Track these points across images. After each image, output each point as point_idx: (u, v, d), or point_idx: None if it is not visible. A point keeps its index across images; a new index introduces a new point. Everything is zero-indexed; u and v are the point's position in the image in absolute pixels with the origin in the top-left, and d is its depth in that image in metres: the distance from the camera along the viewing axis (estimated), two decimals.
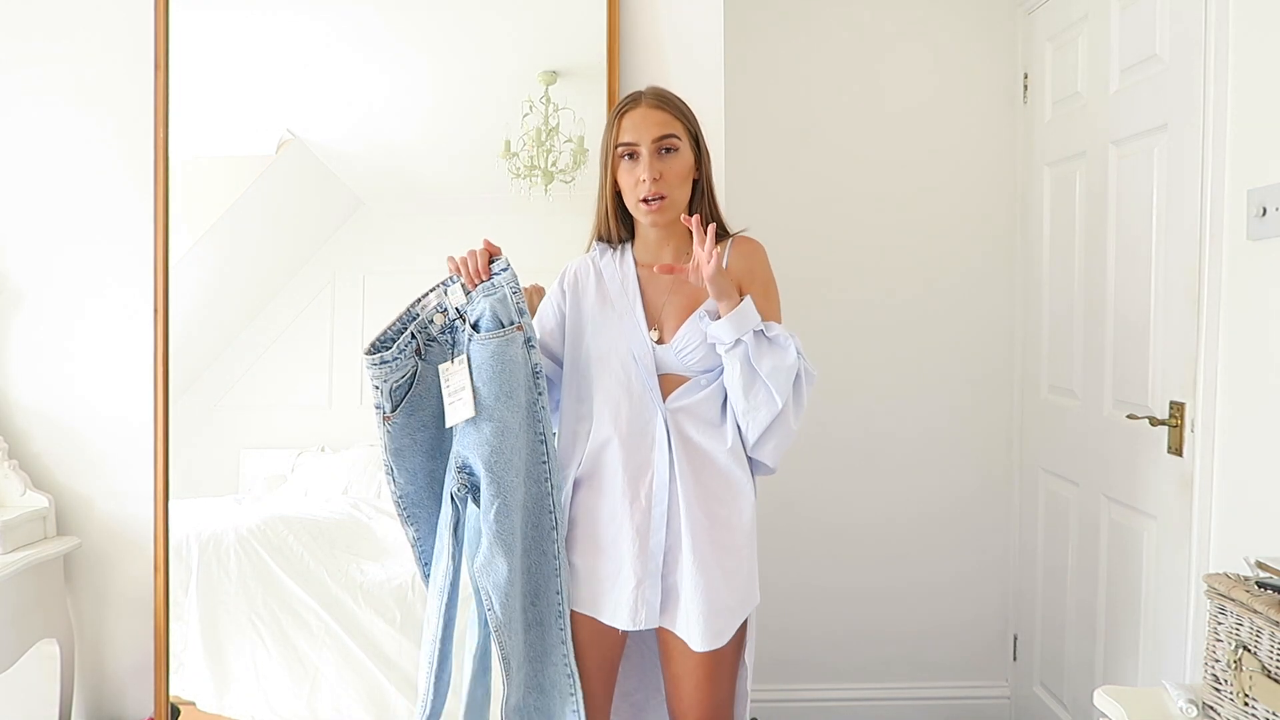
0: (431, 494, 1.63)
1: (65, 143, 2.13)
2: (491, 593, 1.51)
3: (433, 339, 1.58)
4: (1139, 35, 2.07)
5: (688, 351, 1.58)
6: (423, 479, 1.62)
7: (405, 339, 1.56)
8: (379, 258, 2.18)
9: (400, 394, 1.57)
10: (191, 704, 2.09)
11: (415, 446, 1.60)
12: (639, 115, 1.59)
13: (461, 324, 1.56)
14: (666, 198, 1.58)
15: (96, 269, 2.13)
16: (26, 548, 1.98)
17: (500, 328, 1.52)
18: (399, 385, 1.56)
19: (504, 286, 1.53)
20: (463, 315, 1.55)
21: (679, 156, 1.59)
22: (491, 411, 1.51)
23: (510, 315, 1.53)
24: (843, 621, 2.78)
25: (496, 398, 1.51)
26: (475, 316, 1.54)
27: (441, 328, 1.57)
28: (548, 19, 2.14)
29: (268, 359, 2.22)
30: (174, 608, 2.10)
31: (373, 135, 2.22)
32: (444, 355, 1.58)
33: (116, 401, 2.13)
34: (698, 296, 1.61)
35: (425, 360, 1.58)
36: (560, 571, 1.58)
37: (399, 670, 2.06)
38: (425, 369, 1.58)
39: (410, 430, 1.59)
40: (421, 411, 1.59)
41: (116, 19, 2.11)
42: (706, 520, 1.55)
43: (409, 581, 2.09)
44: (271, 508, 2.18)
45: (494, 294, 1.53)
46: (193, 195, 2.13)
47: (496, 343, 1.51)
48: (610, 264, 1.68)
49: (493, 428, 1.51)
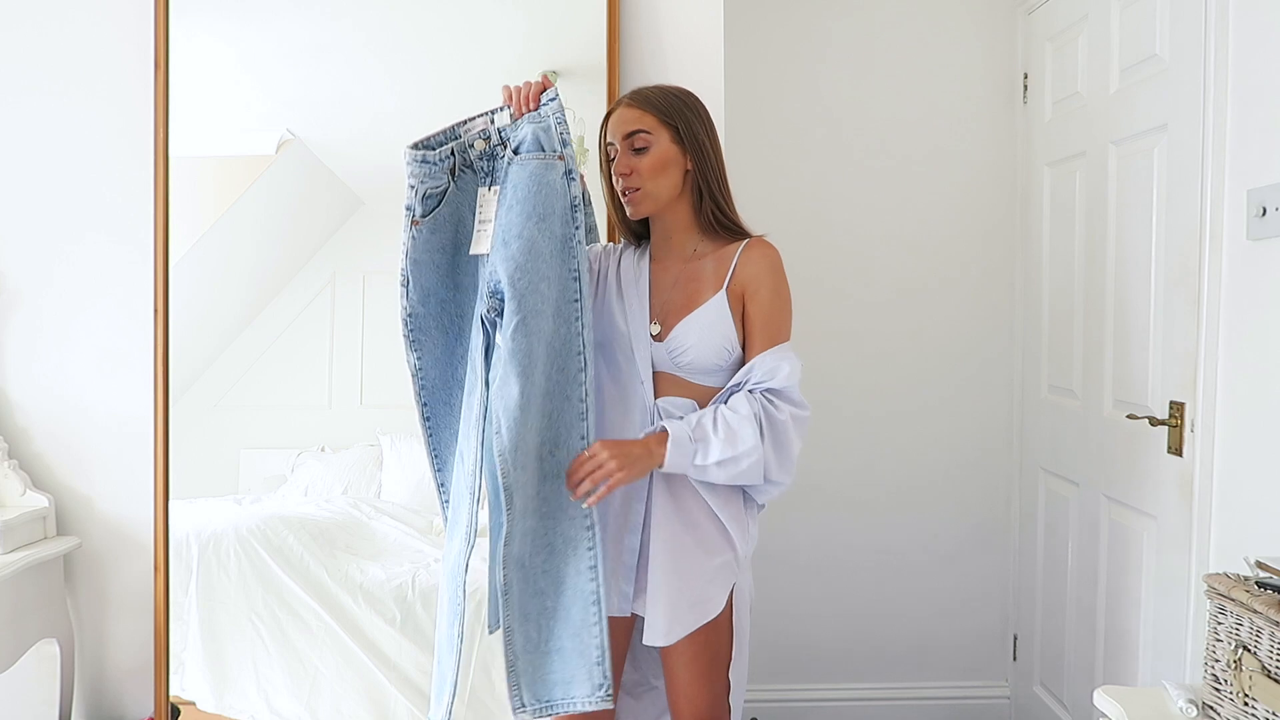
0: (439, 325, 1.62)
1: (65, 142, 2.13)
2: (501, 416, 1.46)
3: (469, 164, 1.58)
4: (1139, 35, 2.07)
5: (680, 351, 1.58)
6: (434, 304, 1.61)
7: (445, 151, 1.57)
8: (379, 258, 2.18)
9: (430, 204, 1.57)
10: (191, 704, 2.09)
11: (432, 265, 1.60)
12: (616, 117, 1.63)
13: (502, 150, 1.55)
14: (640, 190, 1.60)
15: (96, 269, 2.13)
16: (26, 547, 1.98)
17: (540, 151, 1.51)
18: (431, 194, 1.57)
19: (549, 117, 1.53)
20: (505, 141, 1.55)
21: (650, 151, 1.60)
22: (520, 230, 1.48)
23: (553, 144, 1.51)
24: (843, 621, 2.78)
25: (528, 217, 1.48)
26: (517, 141, 1.53)
27: (481, 154, 1.57)
28: (548, 19, 2.14)
29: (268, 359, 2.22)
30: (174, 608, 2.10)
31: (373, 135, 2.22)
32: (477, 183, 1.58)
33: (116, 401, 2.13)
34: (696, 296, 1.61)
35: (456, 184, 1.58)
36: (587, 418, 1.52)
37: (399, 670, 2.06)
38: (454, 193, 1.58)
39: (430, 248, 1.59)
40: (441, 233, 1.59)
41: (117, 19, 2.11)
42: (681, 525, 1.56)
43: (409, 581, 2.09)
44: (271, 508, 2.18)
45: (539, 122, 1.52)
46: (193, 195, 2.13)
47: (535, 164, 1.50)
48: (630, 256, 1.70)
49: (520, 245, 1.47)
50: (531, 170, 1.50)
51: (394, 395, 2.13)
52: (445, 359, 1.65)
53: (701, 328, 1.57)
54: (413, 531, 2.19)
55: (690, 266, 1.64)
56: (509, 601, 1.51)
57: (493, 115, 1.58)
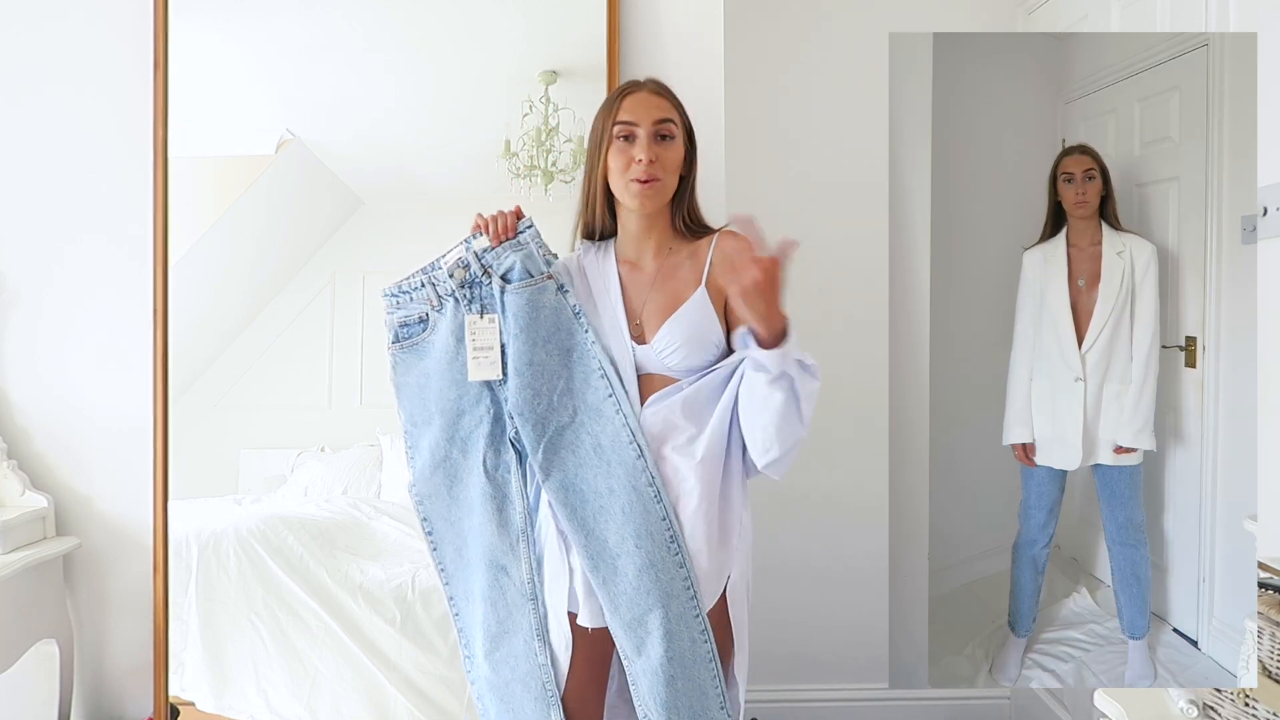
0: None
1: (65, 142, 2.13)
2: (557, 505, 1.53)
3: (450, 292, 1.60)
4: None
5: (669, 353, 1.55)
6: (421, 420, 1.64)
7: (419, 281, 1.62)
8: (379, 258, 2.18)
9: (408, 331, 1.63)
10: (191, 704, 2.09)
11: (417, 390, 1.63)
12: (641, 98, 1.59)
13: (487, 278, 1.58)
14: (660, 181, 1.57)
15: (96, 269, 2.13)
16: (26, 548, 1.98)
17: (529, 277, 1.56)
18: (406, 323, 1.63)
19: (530, 243, 1.58)
20: (487, 269, 1.58)
21: (674, 146, 1.59)
22: (531, 357, 1.55)
23: (539, 266, 1.58)
24: (843, 621, 2.77)
25: (534, 343, 1.55)
26: (504, 269, 1.57)
27: (462, 282, 1.60)
28: (548, 19, 2.14)
29: (267, 359, 2.22)
30: (174, 608, 2.10)
31: (372, 135, 2.22)
32: (462, 311, 1.61)
33: (116, 401, 2.13)
34: (679, 295, 1.58)
35: (439, 312, 1.61)
36: (661, 500, 1.51)
37: (399, 670, 2.06)
38: (439, 319, 1.61)
39: (411, 369, 1.64)
40: (425, 360, 1.63)
41: (116, 18, 2.11)
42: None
43: (409, 581, 2.09)
44: (271, 508, 2.18)
45: (522, 249, 1.58)
46: (193, 195, 2.13)
47: (529, 291, 1.56)
48: (593, 262, 1.66)
49: (533, 372, 1.55)
50: (527, 298, 1.56)
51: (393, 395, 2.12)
52: (451, 513, 1.65)
53: (687, 326, 1.55)
54: (413, 531, 2.18)
55: (666, 265, 1.62)
56: None
57: (467, 243, 1.62)
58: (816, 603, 2.77)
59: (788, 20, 2.71)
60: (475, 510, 1.60)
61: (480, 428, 1.60)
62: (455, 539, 1.64)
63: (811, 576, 2.77)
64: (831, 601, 2.78)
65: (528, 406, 1.55)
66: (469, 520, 1.61)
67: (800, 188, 2.72)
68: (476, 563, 1.60)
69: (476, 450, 1.60)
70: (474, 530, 1.61)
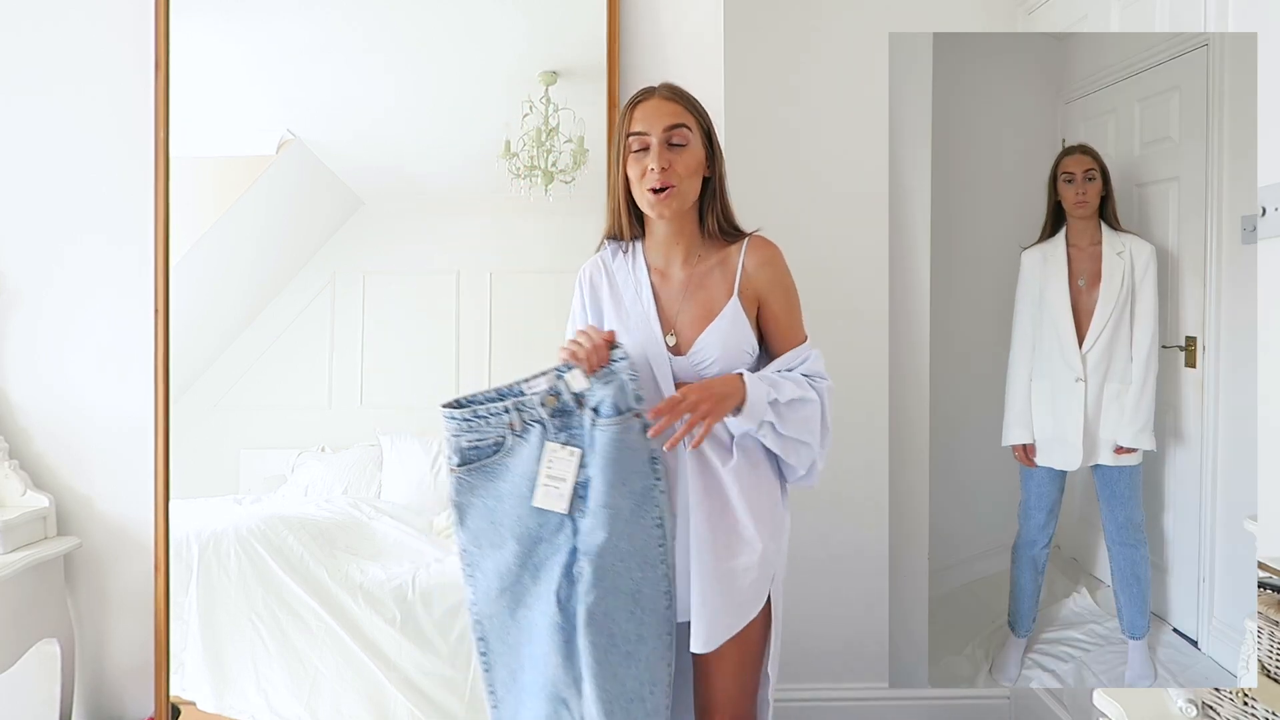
0: (504, 560, 1.58)
1: (65, 142, 2.13)
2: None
3: (538, 419, 1.55)
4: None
5: (706, 364, 1.56)
6: (487, 543, 1.58)
7: (497, 408, 1.55)
8: (379, 258, 2.18)
9: (475, 454, 1.57)
10: (191, 704, 2.09)
11: (485, 513, 1.57)
12: (651, 106, 1.59)
13: (580, 410, 1.54)
14: (675, 188, 1.56)
15: (96, 269, 2.13)
16: (27, 547, 1.98)
17: (618, 414, 1.51)
18: (475, 446, 1.56)
19: (622, 374, 1.52)
20: (581, 401, 1.54)
21: (689, 149, 1.58)
22: (606, 499, 1.50)
23: (628, 402, 1.52)
24: (843, 621, 2.77)
25: (611, 485, 1.50)
26: (595, 402, 1.53)
27: (553, 411, 1.55)
28: (548, 19, 2.14)
29: (268, 359, 2.22)
30: (174, 608, 2.10)
31: (373, 135, 2.22)
32: (545, 437, 1.56)
33: (117, 401, 2.13)
34: (712, 304, 1.59)
35: (522, 437, 1.56)
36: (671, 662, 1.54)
37: (399, 670, 2.06)
38: (519, 444, 1.56)
39: (478, 491, 1.57)
40: (498, 482, 1.57)
41: (116, 18, 2.11)
42: (711, 535, 1.54)
43: (409, 581, 2.09)
44: (271, 508, 2.18)
45: (613, 380, 1.52)
46: (193, 195, 2.13)
47: (616, 429, 1.51)
48: (622, 266, 1.66)
49: (607, 514, 1.50)
50: (613, 435, 1.51)
51: (394, 395, 2.13)
52: (511, 635, 1.60)
53: (723, 337, 1.57)
54: (412, 531, 2.18)
55: (696, 272, 1.62)
56: None
57: (559, 372, 1.55)
58: (817, 602, 2.77)
59: (788, 20, 2.71)
60: (540, 638, 1.53)
61: (556, 556, 1.54)
62: (511, 662, 1.58)
63: (812, 576, 2.77)
64: (831, 601, 2.78)
65: (595, 550, 1.50)
66: (529, 648, 1.56)
67: (800, 187, 2.72)
68: (534, 691, 1.55)
69: (550, 579, 1.53)
70: (535, 659, 1.55)
